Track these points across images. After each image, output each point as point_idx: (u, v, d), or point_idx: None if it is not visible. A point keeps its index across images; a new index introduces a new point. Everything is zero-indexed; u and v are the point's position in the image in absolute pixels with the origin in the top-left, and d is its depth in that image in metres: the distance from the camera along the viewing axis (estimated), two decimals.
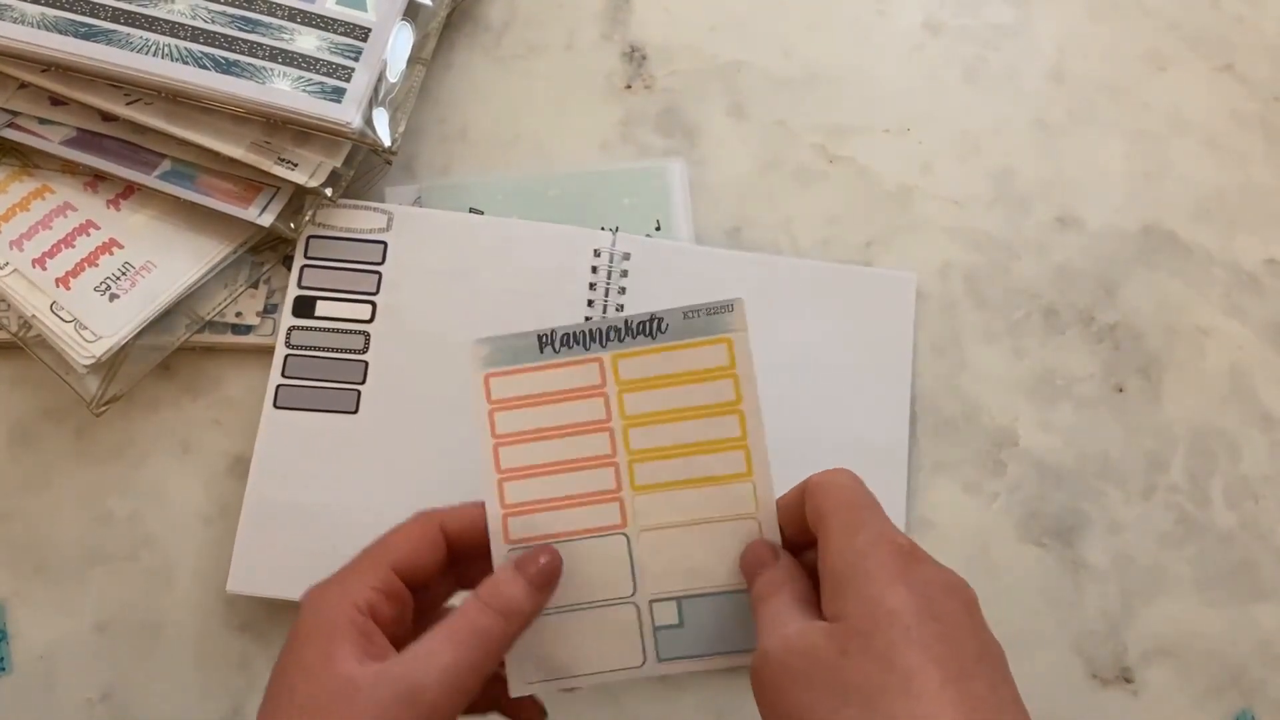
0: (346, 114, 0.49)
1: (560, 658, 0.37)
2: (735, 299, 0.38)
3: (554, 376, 0.38)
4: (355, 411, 0.49)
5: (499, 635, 0.35)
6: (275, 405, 0.49)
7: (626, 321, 0.38)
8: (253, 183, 0.50)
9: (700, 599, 0.37)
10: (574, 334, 0.38)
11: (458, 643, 0.34)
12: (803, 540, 0.36)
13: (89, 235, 0.49)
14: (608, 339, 0.38)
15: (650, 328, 0.38)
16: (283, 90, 0.48)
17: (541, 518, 0.38)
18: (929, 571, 0.32)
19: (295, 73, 0.49)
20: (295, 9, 0.51)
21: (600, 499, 0.38)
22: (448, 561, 0.37)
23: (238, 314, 0.50)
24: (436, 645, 0.34)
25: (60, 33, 0.48)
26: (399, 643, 0.34)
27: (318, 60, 0.50)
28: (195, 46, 0.49)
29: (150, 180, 0.49)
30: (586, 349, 0.38)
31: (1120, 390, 0.52)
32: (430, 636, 0.34)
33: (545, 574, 0.36)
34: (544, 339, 0.38)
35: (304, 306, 0.50)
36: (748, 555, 0.37)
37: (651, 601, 0.37)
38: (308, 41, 0.50)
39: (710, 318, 0.38)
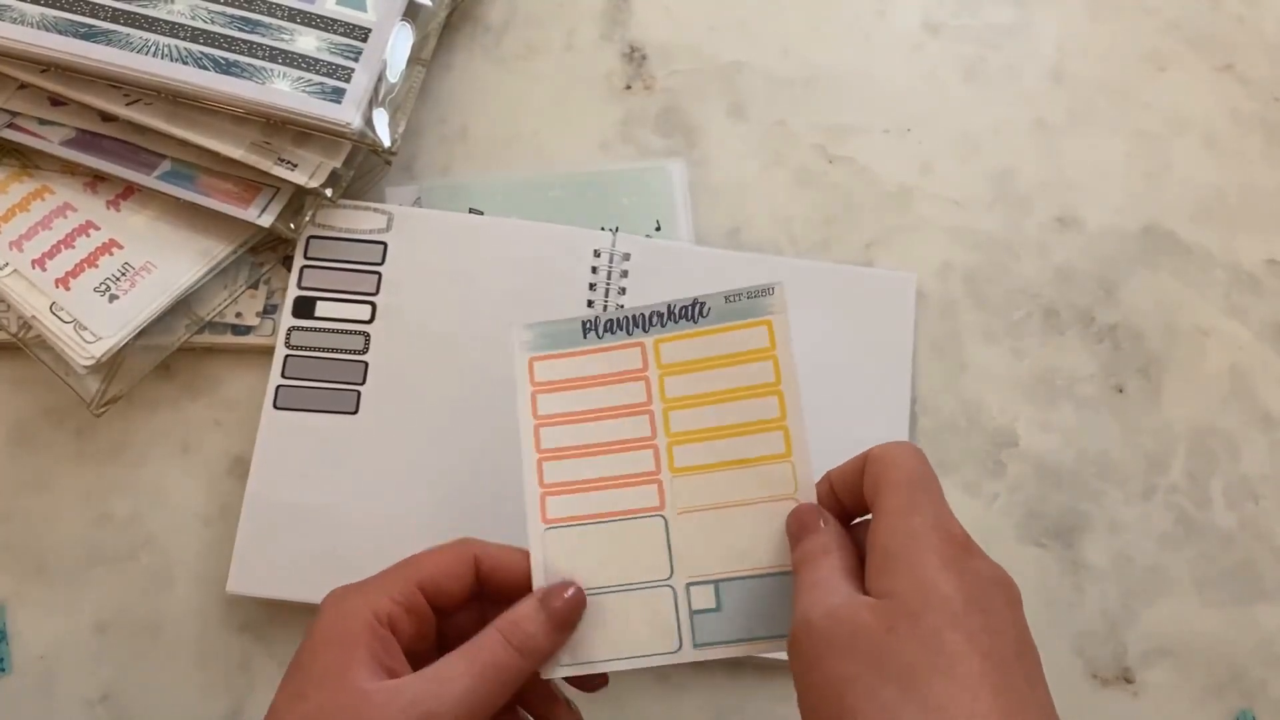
0: (346, 114, 0.49)
1: (593, 642, 0.37)
2: (776, 282, 0.39)
3: (597, 360, 0.39)
4: (355, 412, 0.49)
5: (515, 671, 0.34)
6: (275, 406, 0.49)
7: (669, 306, 0.39)
8: (252, 183, 0.50)
9: (738, 582, 0.37)
10: (617, 319, 0.39)
11: (475, 673, 0.33)
12: (856, 511, 0.36)
13: (89, 236, 0.49)
14: (650, 324, 0.39)
15: (692, 312, 0.39)
16: (282, 91, 0.48)
17: (579, 498, 0.38)
18: (980, 564, 0.32)
19: (295, 73, 0.49)
20: (295, 9, 0.51)
21: (639, 481, 0.38)
22: (474, 592, 0.37)
23: (238, 314, 0.50)
24: (454, 671, 0.33)
25: (60, 33, 0.48)
26: (416, 661, 0.34)
27: (317, 60, 0.50)
28: (195, 47, 0.49)
29: (150, 181, 0.49)
30: (629, 334, 0.39)
31: (1120, 390, 0.52)
32: (448, 661, 0.34)
33: (567, 611, 0.36)
34: (588, 325, 0.39)
35: (304, 307, 0.50)
36: (793, 519, 0.36)
37: (689, 585, 0.37)
38: (307, 42, 0.50)
39: (751, 301, 0.39)
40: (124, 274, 0.48)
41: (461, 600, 0.37)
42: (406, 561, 0.36)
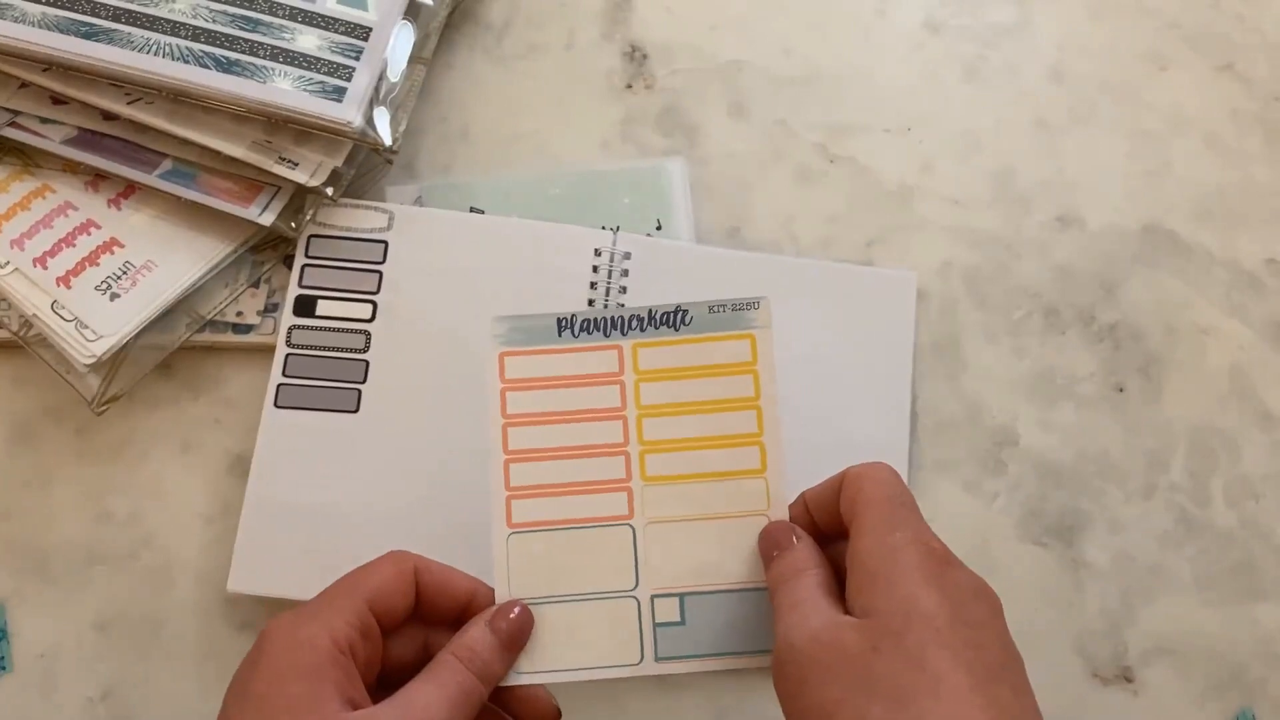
0: (347, 113, 0.49)
1: (555, 650, 0.36)
2: (761, 297, 0.38)
3: (571, 360, 0.38)
4: (356, 411, 0.49)
5: (479, 697, 0.34)
6: (276, 404, 0.49)
7: (650, 311, 0.38)
8: (254, 182, 0.50)
9: (704, 596, 0.37)
10: (594, 319, 0.38)
11: (448, 699, 0.33)
12: (832, 532, 0.36)
13: (90, 234, 0.49)
14: (629, 327, 0.38)
15: (674, 319, 0.38)
16: (284, 89, 0.48)
17: (546, 502, 0.37)
18: (961, 576, 0.32)
19: (296, 72, 0.49)
20: (296, 8, 0.51)
21: (608, 488, 0.37)
22: (414, 610, 0.36)
23: (238, 313, 0.50)
24: (428, 699, 0.33)
25: (61, 32, 0.48)
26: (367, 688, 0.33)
27: (319, 59, 0.50)
28: (196, 46, 0.49)
29: (151, 179, 0.49)
30: (606, 335, 0.38)
31: (1120, 390, 0.53)
32: (418, 690, 0.33)
33: (514, 632, 0.35)
34: (563, 322, 0.38)
35: (305, 305, 0.50)
36: (765, 536, 0.36)
37: (654, 596, 0.37)
38: (309, 41, 0.50)
39: (735, 313, 0.38)
40: (125, 272, 0.48)
41: (403, 618, 0.35)
42: (348, 580, 0.35)
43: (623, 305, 0.51)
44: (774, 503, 0.37)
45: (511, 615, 0.36)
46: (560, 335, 0.38)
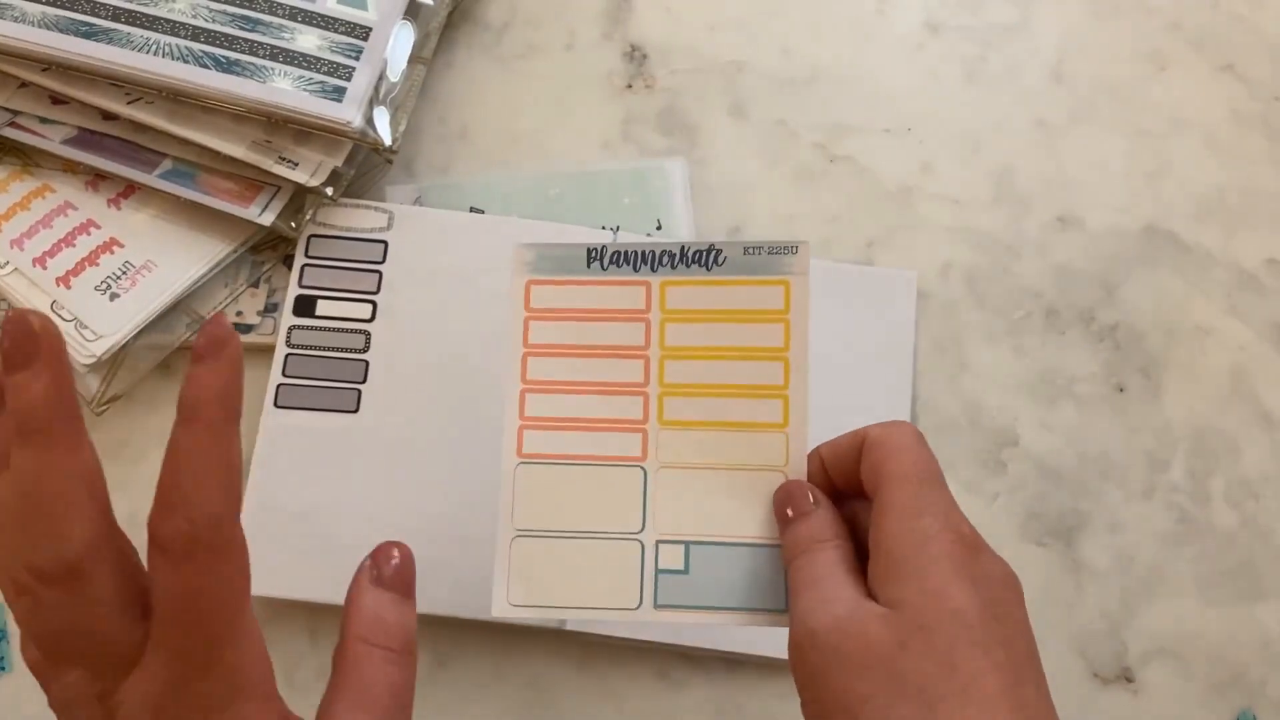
0: (347, 113, 0.49)
1: (552, 585, 0.35)
2: (800, 241, 0.36)
3: (597, 294, 0.37)
4: (356, 411, 0.49)
5: (411, 680, 0.30)
6: (275, 405, 0.49)
7: (682, 248, 0.37)
8: (253, 182, 0.50)
9: (710, 547, 0.36)
10: (624, 252, 0.37)
11: (386, 711, 0.29)
12: (849, 490, 0.35)
13: (89, 234, 0.49)
14: (659, 263, 0.37)
15: (706, 258, 0.37)
16: (284, 89, 0.48)
17: (558, 436, 0.36)
18: (990, 565, 0.31)
19: (296, 72, 0.49)
20: (296, 8, 0.51)
21: (623, 427, 0.36)
22: None
23: (238, 313, 0.50)
24: None
25: (61, 31, 0.48)
26: None
27: (319, 59, 0.50)
28: (196, 45, 0.49)
29: (151, 179, 0.49)
30: (635, 270, 0.37)
31: (1121, 390, 0.52)
32: (350, 712, 0.28)
33: (404, 572, 0.31)
34: (593, 253, 0.37)
35: (304, 305, 0.50)
36: (781, 495, 0.35)
37: (659, 542, 0.36)
38: (308, 40, 0.50)
39: (771, 257, 0.37)
40: (125, 272, 0.48)
41: None
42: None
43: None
44: (793, 459, 0.36)
45: (393, 560, 0.31)
46: (589, 266, 0.37)
